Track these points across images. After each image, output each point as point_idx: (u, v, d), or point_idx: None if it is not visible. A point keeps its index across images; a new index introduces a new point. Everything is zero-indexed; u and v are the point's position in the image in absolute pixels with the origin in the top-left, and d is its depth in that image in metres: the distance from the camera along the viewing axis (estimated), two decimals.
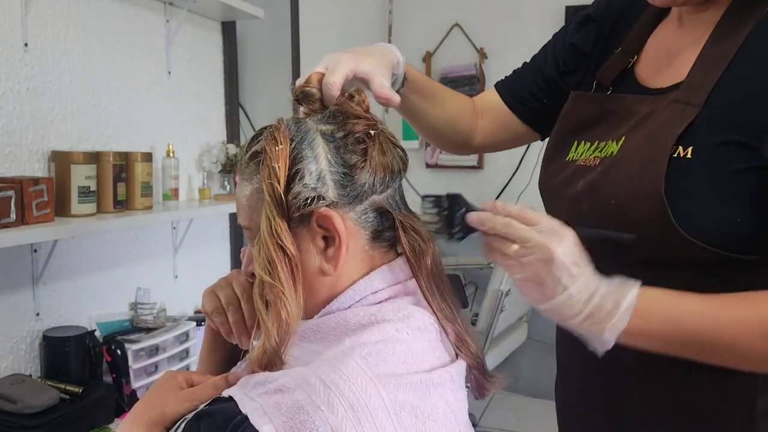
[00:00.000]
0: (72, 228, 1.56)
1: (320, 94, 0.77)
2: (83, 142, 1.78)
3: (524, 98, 1.09)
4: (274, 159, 0.68)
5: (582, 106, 0.95)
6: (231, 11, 2.20)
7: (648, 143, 0.80)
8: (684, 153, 0.76)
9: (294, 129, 0.71)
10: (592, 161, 0.88)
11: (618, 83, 0.93)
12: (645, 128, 0.82)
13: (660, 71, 0.88)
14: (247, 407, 0.59)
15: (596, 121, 0.91)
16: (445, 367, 0.69)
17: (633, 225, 0.78)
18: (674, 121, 0.78)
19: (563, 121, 0.98)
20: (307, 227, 0.69)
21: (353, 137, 0.71)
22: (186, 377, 0.74)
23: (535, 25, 3.39)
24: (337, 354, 0.64)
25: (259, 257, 0.68)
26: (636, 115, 0.85)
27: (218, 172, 2.31)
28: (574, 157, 0.92)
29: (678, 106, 0.79)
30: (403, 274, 0.73)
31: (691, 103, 0.78)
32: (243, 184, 0.73)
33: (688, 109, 0.77)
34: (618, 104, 0.89)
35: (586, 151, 0.90)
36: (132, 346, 1.72)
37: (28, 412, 1.42)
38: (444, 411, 0.67)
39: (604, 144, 0.87)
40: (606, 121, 0.90)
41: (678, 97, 0.80)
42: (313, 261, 0.70)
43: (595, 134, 0.90)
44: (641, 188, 0.78)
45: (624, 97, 0.89)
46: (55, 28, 1.69)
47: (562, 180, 0.92)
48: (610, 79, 0.93)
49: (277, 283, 0.66)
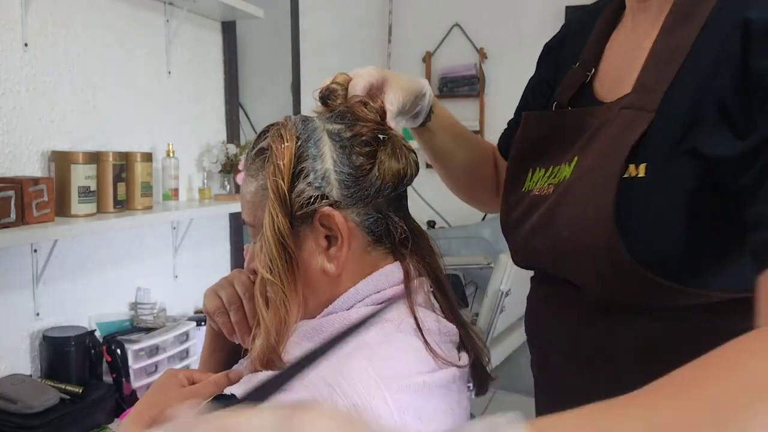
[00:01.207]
0: (72, 228, 1.56)
1: (344, 93, 0.76)
2: (83, 142, 1.78)
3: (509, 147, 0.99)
4: (280, 156, 0.68)
5: (532, 128, 0.86)
6: (231, 11, 2.20)
7: (599, 163, 0.70)
8: (636, 172, 0.66)
9: (301, 127, 0.71)
10: (546, 189, 0.79)
11: (575, 101, 0.83)
12: (596, 144, 0.72)
13: (617, 81, 0.77)
14: None
15: (548, 143, 0.83)
16: (448, 369, 0.69)
17: (585, 259, 0.70)
18: (625, 133, 0.67)
19: (516, 146, 0.89)
20: (310, 226, 0.69)
21: (361, 139, 0.71)
22: (187, 375, 0.74)
23: (535, 25, 3.40)
24: (340, 354, 0.63)
25: (260, 254, 0.68)
26: (587, 130, 0.75)
27: (218, 172, 2.31)
28: (530, 186, 0.84)
29: (629, 114, 0.68)
30: (406, 275, 0.73)
31: (643, 108, 0.67)
32: (248, 180, 0.73)
33: (641, 116, 0.67)
34: (567, 120, 0.80)
35: (541, 179, 0.81)
36: (132, 346, 1.72)
37: (28, 412, 1.42)
38: (447, 412, 0.67)
39: (558, 168, 0.79)
40: (557, 142, 0.81)
41: (629, 102, 0.69)
42: (316, 260, 0.70)
43: (548, 158, 0.82)
44: (590, 218, 0.68)
45: (572, 112, 0.81)
46: (55, 28, 1.69)
47: (519, 213, 0.83)
48: (568, 98, 0.84)
49: (277, 281, 0.66)
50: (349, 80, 0.77)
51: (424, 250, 0.76)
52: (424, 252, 0.76)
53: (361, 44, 3.55)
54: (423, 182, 3.34)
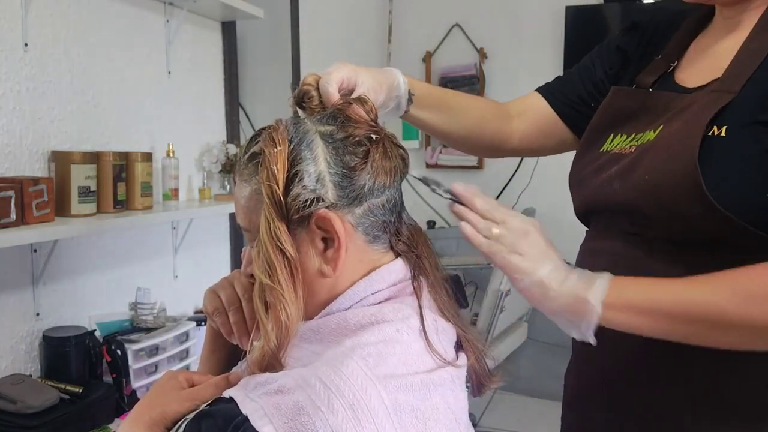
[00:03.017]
0: (72, 228, 1.56)
1: (318, 93, 0.78)
2: (83, 142, 1.78)
3: (572, 102, 1.09)
4: (273, 161, 0.67)
5: (621, 100, 0.96)
6: (231, 11, 2.20)
7: (684, 127, 0.82)
8: (719, 132, 0.78)
9: (293, 130, 0.70)
10: (628, 149, 0.89)
11: (657, 85, 0.95)
12: (682, 116, 0.84)
13: (699, 73, 0.90)
14: (247, 408, 0.59)
15: (635, 116, 0.92)
16: (446, 368, 0.69)
17: (667, 201, 0.80)
18: (710, 106, 0.80)
19: (601, 114, 0.98)
20: (306, 229, 0.69)
21: (353, 140, 0.71)
22: (187, 377, 0.74)
23: (535, 25, 3.40)
24: (337, 355, 0.63)
25: (258, 260, 0.67)
26: (674, 109, 0.87)
27: (218, 172, 2.31)
28: (609, 147, 0.93)
29: (715, 95, 0.81)
30: (403, 275, 0.73)
31: (728, 90, 0.80)
32: (241, 186, 0.72)
33: (724, 95, 0.80)
34: (657, 100, 0.91)
35: (623, 142, 0.91)
36: (132, 346, 1.72)
37: (28, 412, 1.42)
38: (444, 411, 0.67)
39: (641, 135, 0.89)
40: (644, 116, 0.91)
41: (716, 86, 0.83)
42: (313, 262, 0.69)
43: (632, 127, 0.92)
44: (675, 164, 0.79)
45: (664, 94, 0.91)
46: (55, 28, 1.69)
47: (593, 168, 0.93)
48: (650, 82, 0.95)
49: (276, 286, 0.66)
50: (318, 79, 0.79)
51: (421, 248, 0.76)
52: (422, 250, 0.76)
53: (361, 44, 3.55)
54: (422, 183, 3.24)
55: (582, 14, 3.27)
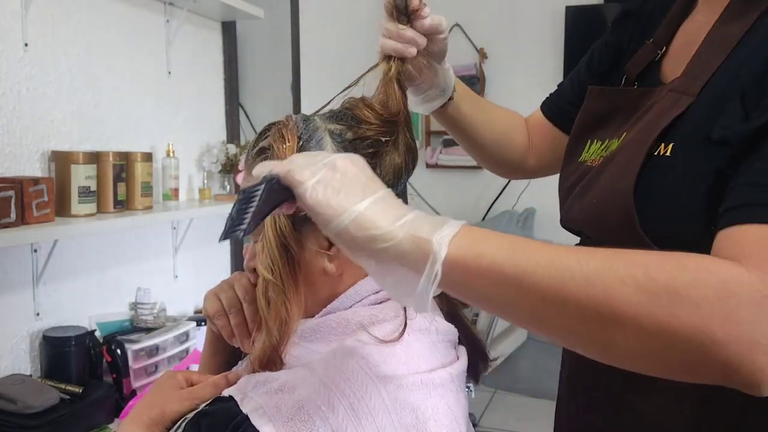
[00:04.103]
0: (72, 228, 1.56)
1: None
2: (83, 142, 1.78)
3: (564, 110, 1.04)
4: (281, 156, 0.67)
5: (594, 102, 0.91)
6: (231, 11, 2.20)
7: (636, 139, 0.74)
8: (664, 151, 0.69)
9: (302, 126, 0.70)
10: (597, 161, 0.84)
11: (642, 77, 0.87)
12: (642, 122, 0.76)
13: (679, 64, 0.80)
14: (247, 407, 0.59)
15: (607, 118, 0.88)
16: (446, 368, 0.69)
17: (608, 227, 0.73)
18: (664, 114, 0.72)
19: (579, 118, 0.94)
20: (312, 227, 0.68)
21: (364, 142, 0.71)
22: (186, 376, 0.74)
23: (535, 25, 3.40)
24: (337, 354, 0.64)
25: (262, 255, 0.67)
26: (640, 109, 0.80)
27: (218, 172, 2.31)
28: (585, 157, 0.88)
29: (673, 96, 0.73)
30: None
31: (686, 92, 0.71)
32: (249, 179, 0.72)
33: (682, 99, 0.71)
34: (626, 98, 0.84)
35: (596, 151, 0.86)
36: (132, 346, 1.72)
37: (28, 412, 1.42)
38: (444, 411, 0.67)
39: (611, 142, 0.83)
40: (615, 118, 0.86)
41: (675, 85, 0.74)
42: (316, 260, 0.69)
43: (606, 132, 0.86)
44: (615, 188, 0.73)
45: (631, 90, 0.85)
46: (55, 28, 1.69)
47: (571, 182, 0.88)
48: (636, 73, 0.87)
49: (279, 282, 0.66)
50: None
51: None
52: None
53: (361, 44, 3.55)
54: (423, 182, 3.35)
55: (582, 14, 3.27)
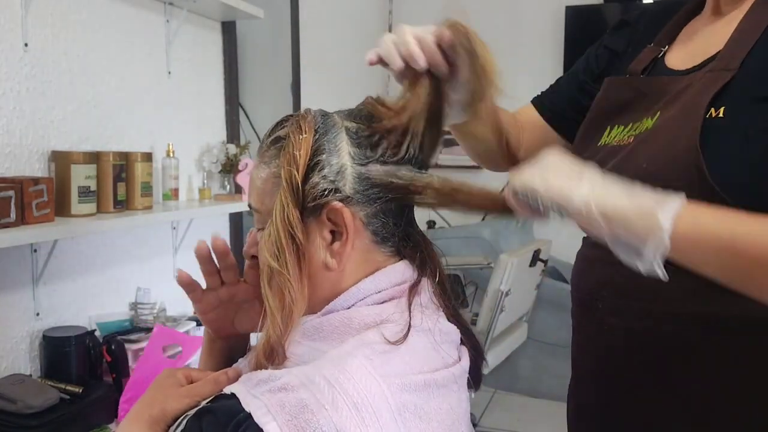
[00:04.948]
0: (72, 228, 1.56)
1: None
2: (83, 142, 1.78)
3: (559, 108, 1.08)
4: (297, 147, 0.68)
5: (616, 91, 0.94)
6: (231, 11, 2.20)
7: (682, 111, 0.79)
8: (716, 114, 0.76)
9: (320, 120, 0.71)
10: (626, 141, 0.86)
11: (649, 71, 0.93)
12: (680, 100, 0.81)
13: (689, 56, 0.88)
14: (250, 405, 0.59)
15: (630, 105, 0.90)
16: (449, 368, 0.69)
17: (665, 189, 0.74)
18: (709, 87, 0.78)
19: (596, 108, 0.96)
20: (317, 219, 0.69)
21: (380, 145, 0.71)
22: (185, 374, 0.74)
23: (535, 26, 3.40)
24: (341, 353, 0.64)
25: (268, 243, 0.68)
26: (669, 93, 0.84)
27: (218, 172, 2.31)
28: (607, 141, 0.90)
29: (713, 74, 0.79)
30: (407, 276, 0.74)
31: (726, 68, 0.78)
32: (260, 167, 0.73)
33: (723, 73, 0.78)
34: (653, 86, 0.88)
35: (620, 134, 0.88)
36: (132, 346, 1.72)
37: (28, 412, 1.42)
38: (447, 412, 0.67)
39: (638, 123, 0.86)
40: (640, 104, 0.88)
41: (713, 66, 0.80)
42: (318, 253, 0.70)
43: (629, 117, 0.89)
44: (675, 151, 0.77)
45: (658, 79, 0.89)
46: (55, 28, 1.69)
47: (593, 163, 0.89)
48: (641, 68, 0.93)
49: (284, 270, 0.66)
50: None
51: (427, 253, 0.77)
52: (427, 254, 0.77)
53: (361, 44, 3.55)
54: None
55: (582, 14, 3.28)
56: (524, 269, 2.73)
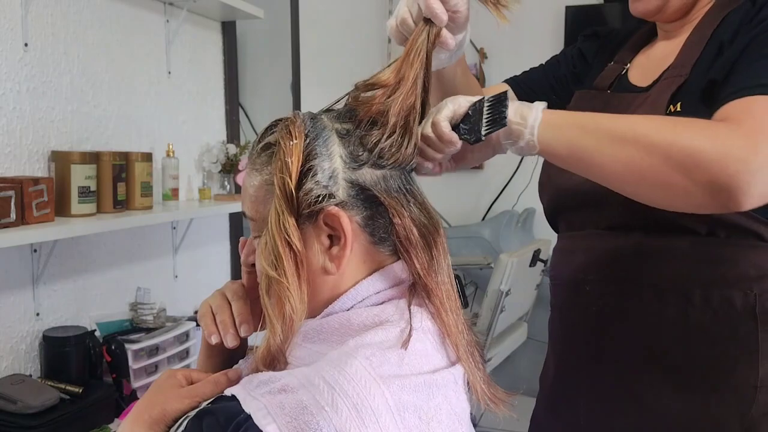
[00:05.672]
0: (72, 228, 1.56)
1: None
2: (83, 142, 1.78)
3: (535, 93, 1.14)
4: (288, 153, 0.67)
5: (588, 102, 1.03)
6: (231, 11, 2.20)
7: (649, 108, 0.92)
8: (675, 108, 0.90)
9: (310, 124, 0.70)
10: None
11: (614, 86, 1.05)
12: (643, 107, 0.94)
13: (647, 74, 1.01)
14: (250, 406, 0.59)
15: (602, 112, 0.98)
16: (448, 369, 0.69)
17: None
18: (666, 90, 0.93)
19: None
20: (314, 224, 0.68)
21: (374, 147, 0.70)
22: (185, 375, 0.74)
23: (535, 25, 3.40)
24: (340, 355, 0.63)
25: (264, 251, 0.67)
26: (636, 104, 0.96)
27: (218, 172, 2.31)
28: None
29: (669, 80, 0.94)
30: (406, 276, 0.73)
31: (680, 74, 0.93)
32: (252, 174, 0.72)
33: (677, 79, 0.93)
34: (620, 100, 1.00)
35: None
36: (132, 346, 1.72)
37: (28, 412, 1.42)
38: (447, 412, 0.67)
39: None
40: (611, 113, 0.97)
41: (669, 74, 0.95)
42: (317, 259, 0.69)
43: None
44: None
45: (624, 96, 1.00)
46: (55, 28, 1.69)
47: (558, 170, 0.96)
48: (607, 85, 1.05)
49: (282, 279, 0.65)
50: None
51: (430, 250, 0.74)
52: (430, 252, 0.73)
53: (361, 44, 3.55)
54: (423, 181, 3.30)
55: (582, 14, 3.27)
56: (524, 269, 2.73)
